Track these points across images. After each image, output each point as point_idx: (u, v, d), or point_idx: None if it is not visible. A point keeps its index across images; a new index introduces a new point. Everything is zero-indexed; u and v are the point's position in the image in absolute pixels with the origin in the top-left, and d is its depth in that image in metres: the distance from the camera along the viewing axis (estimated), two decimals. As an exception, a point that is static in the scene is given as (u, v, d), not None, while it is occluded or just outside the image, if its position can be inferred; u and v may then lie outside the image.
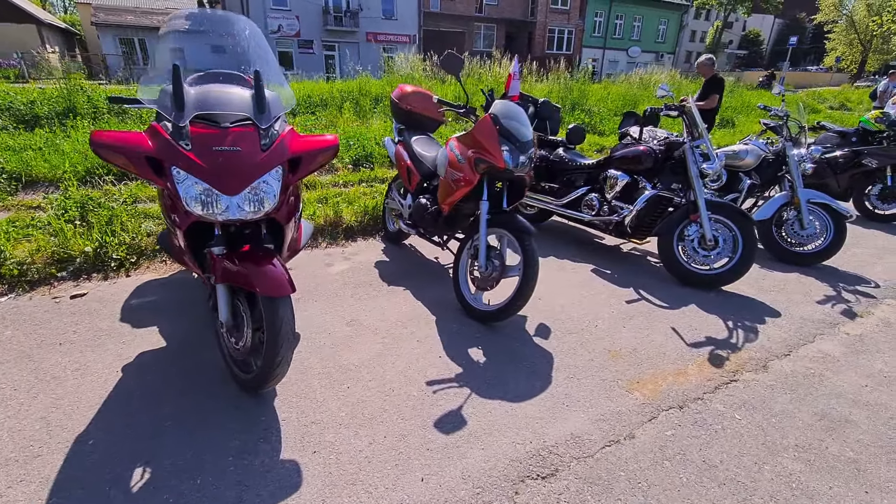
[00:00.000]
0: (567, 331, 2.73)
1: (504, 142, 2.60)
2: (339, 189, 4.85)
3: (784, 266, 3.87)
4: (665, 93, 3.30)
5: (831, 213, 3.85)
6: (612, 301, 3.12)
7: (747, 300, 3.24)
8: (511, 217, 2.66)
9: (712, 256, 3.34)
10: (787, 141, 4.03)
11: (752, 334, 2.78)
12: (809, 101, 16.47)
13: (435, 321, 2.76)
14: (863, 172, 5.29)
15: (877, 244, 4.54)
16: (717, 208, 3.33)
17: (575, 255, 3.93)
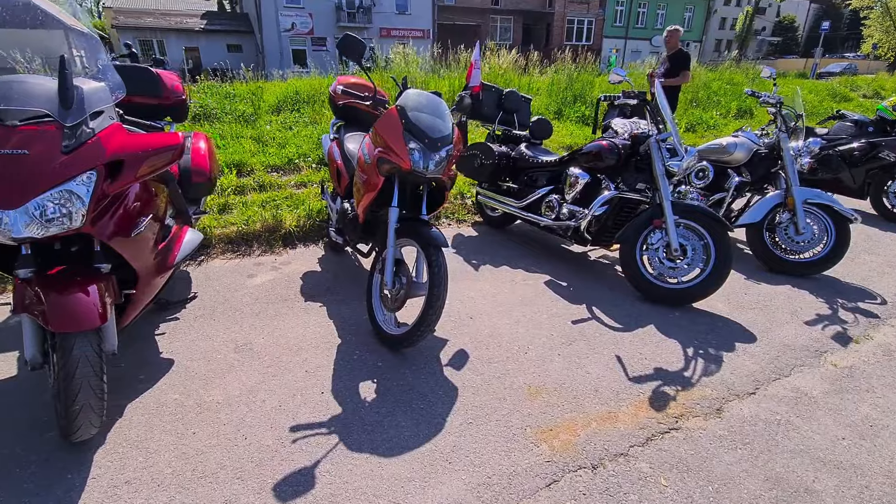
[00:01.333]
0: (488, 359, 2.33)
1: (411, 138, 2.21)
2: (292, 190, 4.53)
3: (775, 277, 3.35)
4: (620, 77, 2.83)
5: (832, 216, 3.30)
6: (556, 321, 2.70)
7: (719, 320, 2.76)
8: (421, 227, 2.27)
9: (680, 268, 2.87)
10: (782, 132, 3.48)
11: (713, 366, 2.32)
12: (841, 90, 15.32)
13: (338, 346, 2.40)
14: (881, 166, 4.66)
15: (893, 251, 3.94)
16: (686, 212, 2.85)
17: (533, 263, 3.50)
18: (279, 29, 25.52)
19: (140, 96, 2.94)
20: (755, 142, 3.66)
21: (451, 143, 2.31)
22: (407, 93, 2.40)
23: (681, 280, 2.88)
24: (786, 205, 3.38)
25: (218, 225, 3.69)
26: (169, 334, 2.47)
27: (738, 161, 3.68)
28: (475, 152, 3.95)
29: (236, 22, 28.05)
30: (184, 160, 2.90)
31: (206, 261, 3.39)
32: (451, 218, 4.41)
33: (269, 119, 7.23)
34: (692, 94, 11.21)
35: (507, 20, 33.14)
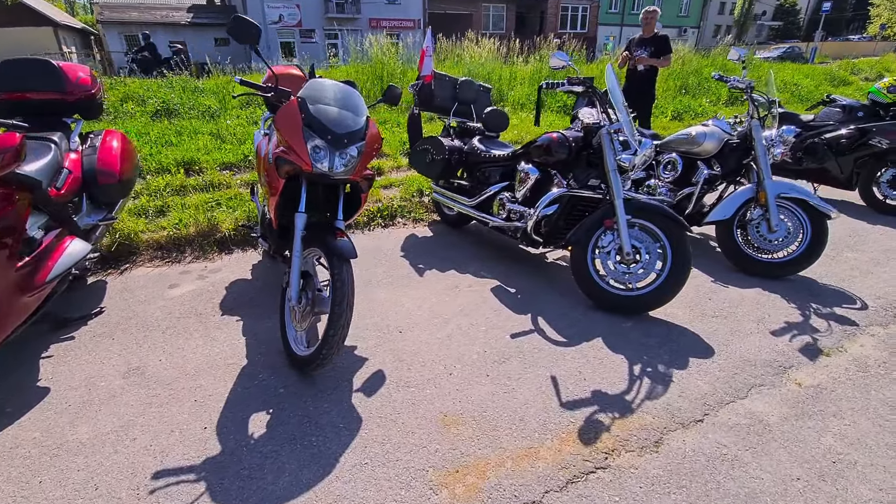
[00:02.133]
0: (406, 383, 2.06)
1: (312, 135, 1.93)
2: (239, 190, 4.25)
3: (746, 279, 3.07)
4: (563, 63, 2.53)
5: (808, 211, 3.02)
6: (494, 335, 2.43)
7: (676, 331, 2.49)
8: (328, 235, 1.99)
9: (634, 273, 2.60)
10: (754, 120, 3.19)
11: (659, 387, 2.06)
12: (840, 74, 14.90)
13: (241, 369, 2.15)
14: (871, 154, 4.35)
15: (881, 246, 3.65)
16: (640, 211, 2.57)
17: (484, 267, 3.23)
18: (265, 21, 25.02)
19: (36, 92, 2.66)
20: (726, 131, 3.37)
21: (362, 139, 2.03)
22: (311, 82, 2.12)
23: (635, 286, 2.61)
24: (757, 200, 3.09)
25: (148, 229, 3.43)
26: (57, 357, 2.21)
27: (708, 152, 3.39)
28: (426, 147, 3.66)
29: (224, 15, 27.51)
30: (88, 161, 2.64)
31: (129, 269, 3.13)
32: (407, 217, 4.13)
33: (236, 114, 6.94)
34: (682, 80, 10.85)
35: (500, 8, 32.51)
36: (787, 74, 13.20)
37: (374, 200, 4.25)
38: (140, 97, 7.00)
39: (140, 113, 6.67)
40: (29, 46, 25.13)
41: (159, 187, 4.04)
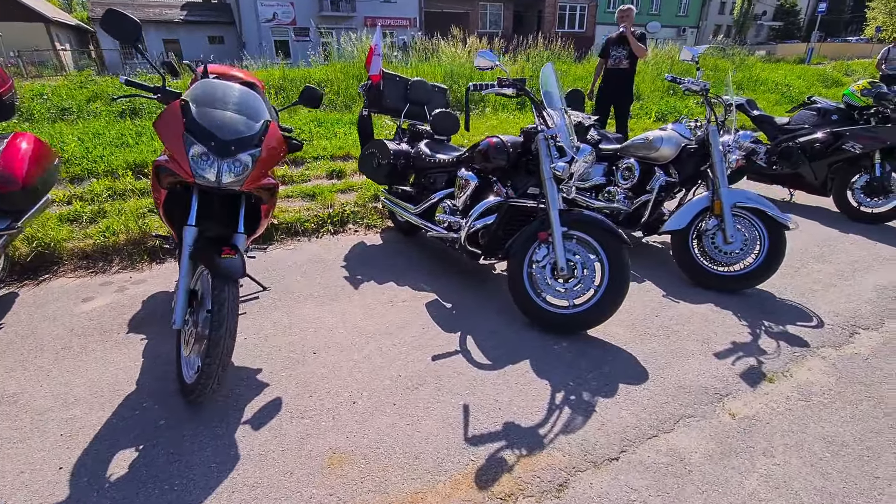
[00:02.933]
0: (302, 413, 1.89)
1: (193, 141, 1.76)
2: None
3: (700, 294, 2.89)
4: (490, 63, 2.34)
5: (766, 222, 2.84)
6: (415, 356, 2.26)
7: (612, 353, 2.31)
8: (213, 251, 1.82)
9: (571, 290, 2.42)
10: (711, 124, 3.00)
11: (579, 418, 1.88)
12: (834, 75, 14.70)
13: (126, 397, 1.97)
14: (845, 160, 4.17)
15: (850, 257, 3.47)
16: (578, 223, 2.39)
17: (426, 278, 3.05)
18: (258, 19, 24.86)
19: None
20: (685, 136, 3.19)
21: (256, 145, 1.86)
22: (201, 83, 1.95)
23: (572, 303, 2.43)
24: (712, 209, 2.91)
25: (74, 237, 3.26)
26: (-68, 381, 2.04)
27: (666, 158, 3.21)
28: (373, 151, 3.49)
29: (217, 13, 27.40)
30: (-14, 165, 2.46)
31: (48, 280, 2.96)
32: (360, 223, 3.96)
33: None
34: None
35: (497, 7, 32.29)
36: (780, 75, 13.01)
37: (326, 206, 4.08)
38: (109, 96, 6.83)
39: (106, 112, 6.50)
40: (19, 43, 25.02)
41: (98, 192, 3.87)
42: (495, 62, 2.33)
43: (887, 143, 3.92)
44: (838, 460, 1.70)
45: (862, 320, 2.62)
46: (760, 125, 4.87)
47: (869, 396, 2.02)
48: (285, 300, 2.76)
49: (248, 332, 2.42)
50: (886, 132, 3.91)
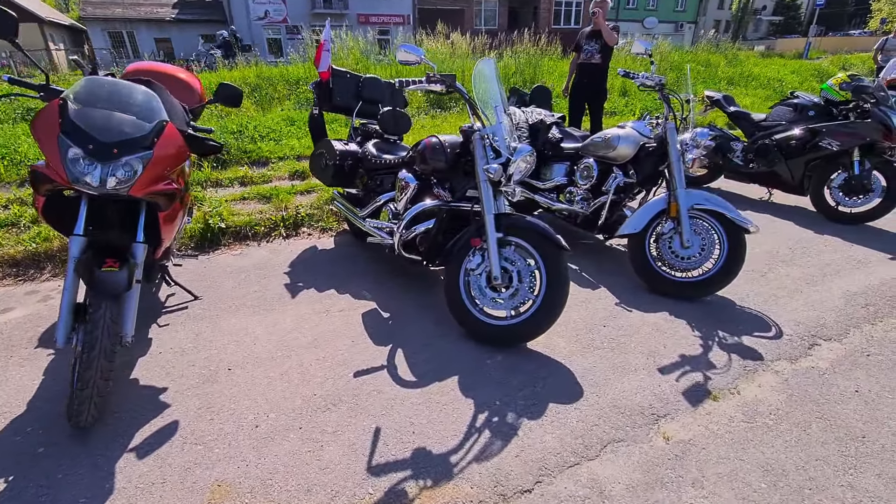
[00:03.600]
0: (197, 439, 1.74)
1: (69, 144, 1.61)
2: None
3: (657, 301, 2.73)
4: (416, 57, 2.18)
5: (725, 225, 2.68)
6: (336, 372, 2.11)
7: (548, 368, 2.15)
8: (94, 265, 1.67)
9: (507, 300, 2.26)
10: (668, 121, 2.84)
11: (498, 443, 1.73)
12: (831, 69, 14.44)
13: (12, 420, 1.82)
14: (822, 157, 4.00)
15: (821, 260, 3.30)
16: (514, 228, 2.23)
17: (369, 285, 2.90)
18: (249, 17, 24.69)
19: None
20: (644, 134, 3.02)
21: (146, 147, 1.71)
22: (86, 80, 1.80)
23: (510, 314, 2.28)
24: (668, 212, 2.75)
25: (5, 243, 3.11)
26: None
27: (623, 157, 3.05)
28: (321, 151, 3.33)
29: (209, 11, 27.17)
30: None
31: (-28, 289, 2.82)
32: (314, 227, 3.81)
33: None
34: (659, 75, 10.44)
35: (493, 4, 32.03)
36: (773, 71, 12.79)
37: (280, 208, 3.93)
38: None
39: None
40: (12, 43, 24.93)
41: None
42: (420, 56, 2.17)
43: (866, 139, 3.75)
44: (775, 493, 1.54)
45: (824, 330, 2.46)
46: (737, 122, 4.70)
47: (820, 417, 1.87)
48: (215, 310, 2.61)
49: (165, 345, 2.28)
50: (865, 128, 3.74)
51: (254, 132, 5.73)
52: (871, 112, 3.71)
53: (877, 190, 3.81)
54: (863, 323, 2.52)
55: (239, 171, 4.68)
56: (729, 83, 11.30)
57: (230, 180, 4.55)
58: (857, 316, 2.59)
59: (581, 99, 5.14)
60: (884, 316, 2.59)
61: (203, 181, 4.42)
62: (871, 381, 2.07)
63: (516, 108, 4.02)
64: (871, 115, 3.70)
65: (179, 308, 2.60)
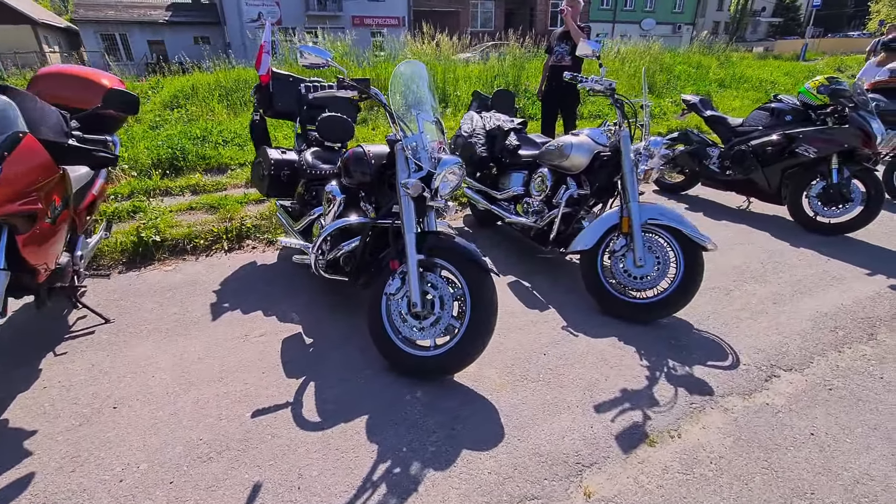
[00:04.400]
0: (47, 496, 1.52)
1: None
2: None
3: (608, 324, 2.51)
4: (321, 60, 1.96)
5: (682, 242, 2.46)
6: (234, 411, 1.89)
7: (471, 405, 1.93)
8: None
9: (427, 328, 2.04)
10: (622, 129, 2.62)
11: (393, 500, 1.50)
12: (826, 71, 14.22)
13: None
14: (800, 164, 3.78)
15: (794, 275, 3.08)
16: (437, 250, 2.01)
17: (302, 306, 2.68)
18: (241, 19, 24.54)
19: None
20: (599, 142, 2.81)
21: None
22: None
23: (434, 344, 2.06)
24: (621, 227, 2.53)
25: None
26: None
27: (577, 167, 2.83)
28: (259, 160, 3.13)
29: (203, 13, 27.07)
30: None
31: None
32: (260, 239, 3.59)
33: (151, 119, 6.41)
34: (647, 79, 10.20)
35: (488, 6, 31.89)
36: (766, 72, 12.56)
37: (226, 219, 3.72)
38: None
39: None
40: (5, 46, 24.76)
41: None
42: (326, 59, 1.95)
43: (844, 145, 3.52)
44: (700, 566, 1.32)
45: (786, 359, 2.23)
46: (713, 126, 4.48)
47: (766, 467, 1.64)
48: (123, 335, 2.39)
49: (54, 379, 2.06)
50: (842, 134, 3.51)
51: (217, 137, 5.54)
52: (849, 117, 3.49)
53: (856, 199, 3.59)
54: (829, 350, 2.30)
55: (192, 179, 4.47)
56: (720, 85, 11.09)
57: (182, 188, 4.35)
58: (824, 341, 2.37)
59: (553, 103, 4.92)
60: (853, 341, 2.36)
61: (151, 190, 4.22)
62: (830, 422, 1.84)
63: (475, 113, 3.81)
64: (850, 120, 3.48)
65: (85, 334, 2.39)
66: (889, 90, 4.43)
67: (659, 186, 4.96)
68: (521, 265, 3.20)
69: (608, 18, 35.02)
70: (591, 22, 34.42)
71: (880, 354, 2.26)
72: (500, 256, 3.35)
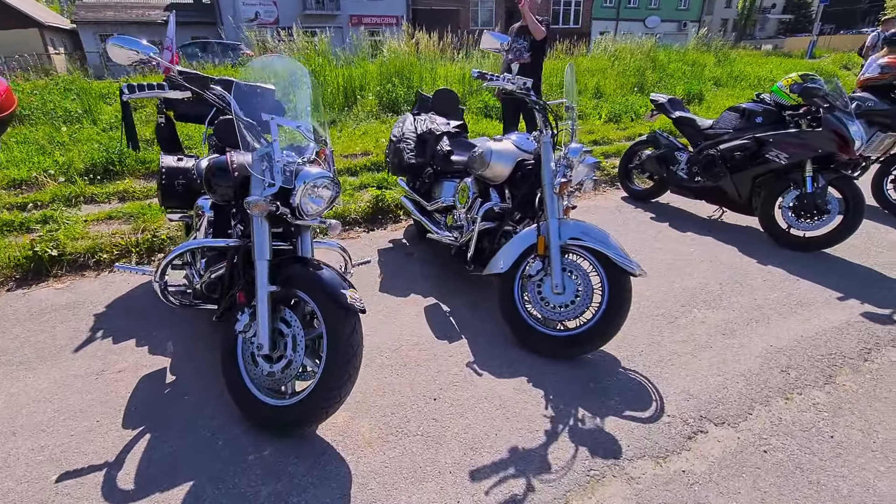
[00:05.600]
0: None
1: None
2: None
3: (523, 360, 2.17)
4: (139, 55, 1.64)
5: (606, 266, 2.11)
6: (38, 473, 1.58)
7: (323, 468, 1.61)
8: None
9: (279, 375, 1.72)
10: (543, 134, 2.28)
11: None
12: (830, 68, 13.68)
13: None
14: (771, 172, 3.41)
15: (753, 299, 2.71)
16: (297, 280, 1.69)
17: (182, 335, 2.37)
18: (238, 18, 24.32)
19: None
20: (524, 149, 2.47)
21: None
22: None
23: (290, 392, 1.75)
24: (537, 248, 2.19)
25: None
26: None
27: (499, 176, 2.50)
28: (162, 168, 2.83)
29: (201, 13, 27.00)
30: None
31: None
32: (173, 252, 3.29)
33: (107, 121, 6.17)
34: (637, 78, 9.79)
35: (489, 4, 31.46)
36: (766, 70, 12.08)
37: (138, 230, 3.43)
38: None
39: None
40: (13, 49, 24.89)
41: None
42: (147, 53, 1.64)
43: (818, 151, 3.15)
44: None
45: (720, 408, 1.88)
46: (682, 128, 4.11)
47: (660, 564, 1.30)
48: (-34, 370, 2.11)
49: None
50: (816, 138, 3.14)
51: (166, 140, 5.26)
52: (823, 119, 3.11)
53: (833, 211, 3.21)
54: (775, 396, 1.94)
55: (121, 185, 4.20)
56: (715, 84, 10.65)
57: (109, 195, 4.07)
58: (772, 385, 2.01)
59: (513, 104, 4.57)
60: (805, 386, 2.01)
61: (74, 197, 3.94)
62: (755, 499, 1.50)
63: (412, 115, 3.49)
64: (824, 122, 3.10)
65: (-77, 367, 2.10)
66: (880, 88, 4.02)
67: (627, 192, 4.60)
68: (448, 284, 2.87)
69: (612, 16, 34.45)
70: (593, 19, 33.95)
71: (835, 404, 1.90)
72: (430, 273, 3.02)
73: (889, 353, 2.21)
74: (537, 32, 4.15)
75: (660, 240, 3.57)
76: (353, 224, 3.81)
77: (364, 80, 8.01)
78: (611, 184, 4.95)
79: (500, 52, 2.51)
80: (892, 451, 1.67)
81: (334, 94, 7.62)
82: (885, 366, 2.12)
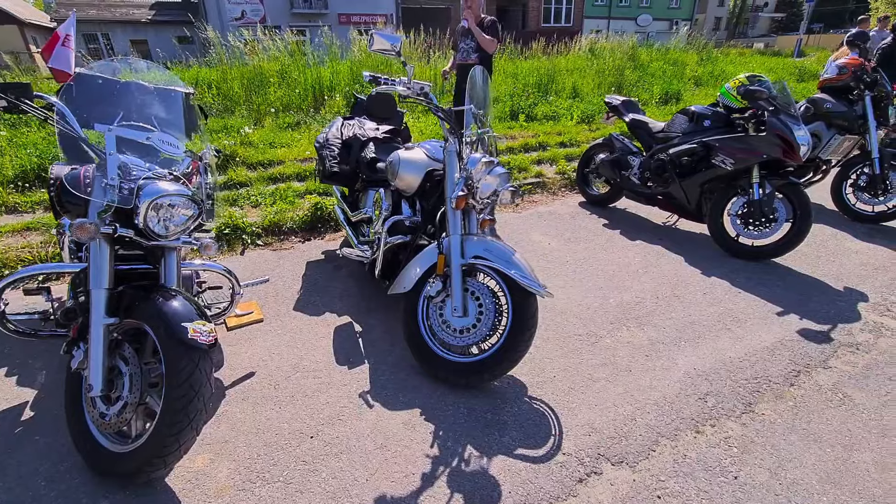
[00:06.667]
0: None
1: None
2: None
3: (423, 389, 2.00)
4: None
5: (510, 286, 1.94)
6: None
7: (162, 524, 1.44)
8: None
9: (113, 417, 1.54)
10: (448, 143, 2.10)
11: None
12: (814, 67, 13.55)
13: None
14: (719, 178, 3.25)
15: (687, 317, 2.55)
16: (140, 313, 1.51)
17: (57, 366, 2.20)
18: (223, 17, 24.08)
19: None
20: (435, 157, 2.30)
21: None
22: None
23: (133, 436, 1.57)
24: (437, 267, 2.02)
25: None
26: None
27: (409, 187, 2.32)
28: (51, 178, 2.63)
29: (186, 12, 26.64)
30: None
31: None
32: (88, 266, 3.10)
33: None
34: (616, 77, 9.62)
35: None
36: (748, 69, 11.94)
37: (49, 243, 3.24)
38: None
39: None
40: (-5, 46, 24.51)
41: None
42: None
43: (764, 156, 2.99)
44: None
45: (622, 445, 1.72)
46: (634, 132, 3.94)
47: None
48: None
49: None
50: (760, 142, 2.98)
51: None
52: (766, 122, 2.95)
53: (781, 218, 3.05)
54: (684, 430, 1.78)
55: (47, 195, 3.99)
56: (696, 83, 10.51)
57: (33, 204, 3.87)
58: (685, 415, 1.85)
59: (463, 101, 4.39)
60: (721, 416, 1.84)
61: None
62: (634, 558, 1.33)
63: (342, 119, 3.31)
64: (767, 126, 2.94)
65: None
66: (838, 89, 3.87)
67: (585, 197, 4.43)
68: (368, 302, 2.69)
69: (603, 14, 34.29)
70: (585, 18, 33.77)
71: (748, 438, 1.74)
72: (352, 290, 2.84)
73: (817, 377, 2.05)
74: (488, 47, 4.02)
75: (607, 249, 3.40)
76: (288, 234, 3.63)
77: (335, 81, 7.82)
78: (570, 188, 4.79)
79: (390, 55, 2.33)
80: (797, 493, 1.51)
81: (302, 96, 7.44)
82: (810, 392, 1.96)
